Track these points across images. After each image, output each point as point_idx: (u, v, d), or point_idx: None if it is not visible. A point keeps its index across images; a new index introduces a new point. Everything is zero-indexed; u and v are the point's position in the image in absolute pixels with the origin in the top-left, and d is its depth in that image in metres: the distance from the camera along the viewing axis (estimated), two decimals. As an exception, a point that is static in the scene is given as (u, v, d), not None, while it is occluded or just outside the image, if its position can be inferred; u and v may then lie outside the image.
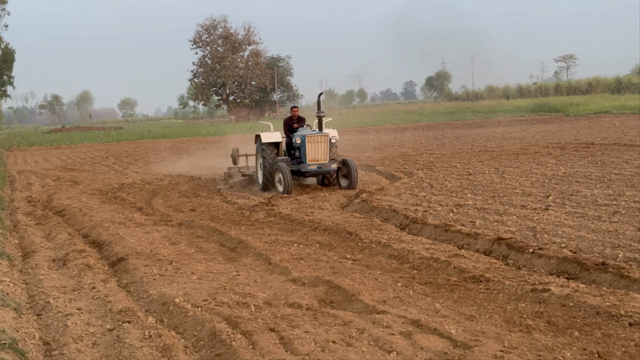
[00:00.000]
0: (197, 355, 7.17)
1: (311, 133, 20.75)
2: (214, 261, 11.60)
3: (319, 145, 20.66)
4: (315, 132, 20.99)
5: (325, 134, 20.74)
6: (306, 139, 20.54)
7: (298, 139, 20.77)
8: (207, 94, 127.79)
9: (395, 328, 7.53)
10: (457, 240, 12.51)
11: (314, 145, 20.62)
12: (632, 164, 22.45)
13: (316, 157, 20.68)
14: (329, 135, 20.84)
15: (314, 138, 20.60)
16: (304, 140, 20.61)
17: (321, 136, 20.69)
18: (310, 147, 20.59)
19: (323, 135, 20.72)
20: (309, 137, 20.56)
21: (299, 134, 20.98)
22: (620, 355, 6.66)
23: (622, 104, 74.34)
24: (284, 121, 22.47)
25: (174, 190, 23.17)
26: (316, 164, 20.65)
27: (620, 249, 10.78)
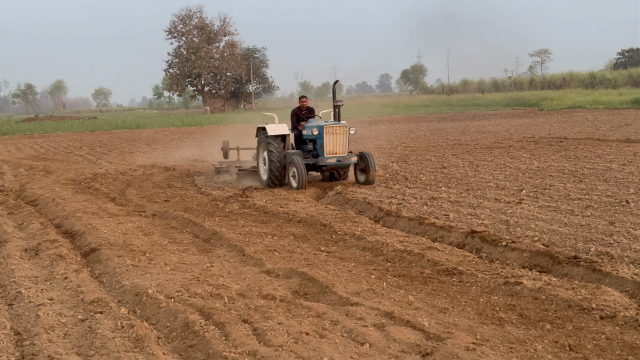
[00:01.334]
0: (169, 346, 7.14)
1: (329, 123, 19.34)
2: (188, 252, 11.55)
3: (338, 137, 19.28)
4: (333, 122, 19.56)
5: (344, 125, 19.41)
6: (324, 129, 19.12)
7: (315, 130, 19.32)
8: (182, 85, 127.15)
9: (369, 320, 7.54)
10: (430, 233, 12.55)
11: (332, 137, 19.23)
12: (604, 159, 22.64)
13: (334, 150, 19.29)
14: (348, 126, 19.53)
15: (332, 129, 19.22)
16: (322, 132, 19.17)
17: (340, 127, 19.33)
18: (328, 139, 19.19)
19: (342, 126, 19.36)
20: (327, 128, 19.16)
21: (315, 125, 19.57)
22: (591, 348, 6.71)
23: (595, 99, 74.99)
24: (292, 112, 20.99)
25: (148, 180, 23.07)
26: (335, 157, 19.28)
27: (592, 243, 10.86)
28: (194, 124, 70.31)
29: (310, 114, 20.73)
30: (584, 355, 6.52)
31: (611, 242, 10.85)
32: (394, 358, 6.47)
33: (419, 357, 6.49)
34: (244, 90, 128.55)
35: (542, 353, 6.60)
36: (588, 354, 6.53)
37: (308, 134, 19.74)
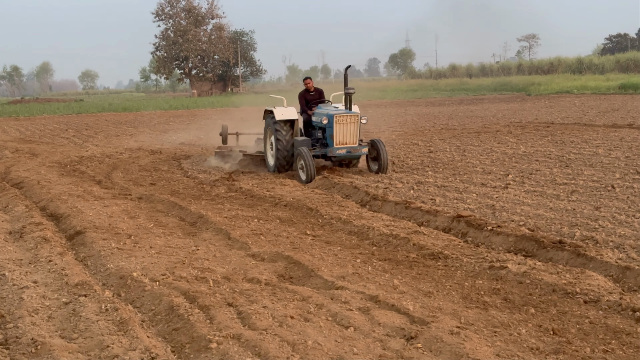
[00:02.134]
0: (154, 329, 7.12)
1: (340, 112, 18.07)
2: (173, 235, 11.52)
3: (349, 127, 18.03)
4: (343, 111, 18.31)
5: (356, 114, 18.11)
6: (334, 119, 17.86)
7: (324, 118, 18.11)
8: (170, 68, 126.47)
9: (354, 304, 7.54)
10: (417, 217, 12.56)
11: (342, 127, 17.98)
12: (591, 144, 22.69)
13: (345, 140, 18.05)
14: (359, 115, 18.29)
15: (343, 118, 17.95)
16: (332, 121, 17.93)
17: (351, 116, 18.04)
18: (338, 129, 17.95)
19: (353, 115, 18.05)
20: (338, 117, 17.89)
21: (324, 112, 18.35)
22: (574, 332, 6.73)
23: (582, 84, 75.14)
24: (300, 95, 19.76)
25: (134, 163, 22.98)
26: (345, 148, 18.06)
27: (577, 228, 10.89)
28: (181, 107, 70.02)
29: (319, 97, 19.68)
30: (568, 339, 6.54)
31: (596, 227, 10.88)
32: (379, 342, 6.47)
33: (403, 340, 6.50)
34: (232, 73, 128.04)
35: (526, 337, 6.61)
36: (572, 338, 6.55)
37: (317, 121, 18.66)
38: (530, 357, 6.07)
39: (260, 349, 6.12)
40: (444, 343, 6.25)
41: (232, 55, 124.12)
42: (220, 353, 6.12)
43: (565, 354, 6.16)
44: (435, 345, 6.27)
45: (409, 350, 6.25)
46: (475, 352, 6.03)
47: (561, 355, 6.16)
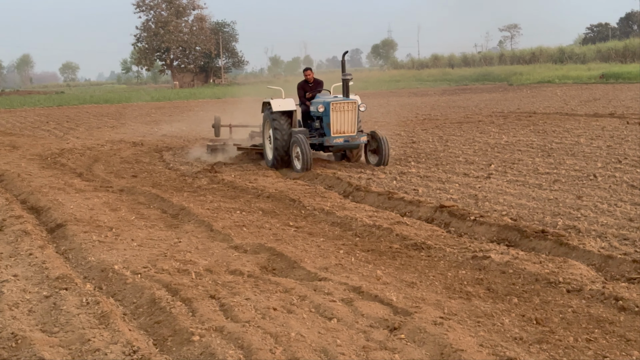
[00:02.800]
0: (135, 322, 7.07)
1: (336, 99, 17.44)
2: (155, 228, 11.45)
3: (346, 114, 17.36)
4: (340, 98, 17.64)
5: (353, 101, 17.43)
6: (330, 106, 17.23)
7: (320, 106, 17.41)
8: (151, 59, 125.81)
9: (337, 295, 7.51)
10: (400, 208, 12.55)
11: (339, 114, 17.34)
12: (572, 133, 22.76)
13: (342, 129, 17.40)
14: (357, 102, 17.63)
15: (339, 105, 17.31)
16: (328, 108, 17.31)
17: (348, 103, 17.38)
18: (335, 117, 17.31)
19: (350, 102, 17.40)
20: (334, 105, 17.26)
21: (320, 101, 17.70)
22: (557, 321, 6.74)
23: (564, 73, 75.38)
24: (298, 86, 19.01)
25: (116, 156, 22.86)
26: (342, 137, 17.41)
27: (559, 217, 10.92)
28: (162, 98, 69.74)
29: (318, 88, 18.82)
30: (551, 328, 6.54)
31: (578, 216, 10.90)
32: (362, 333, 6.45)
33: (386, 331, 6.48)
34: (213, 64, 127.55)
35: (509, 327, 6.61)
36: (555, 328, 6.55)
37: (315, 110, 17.97)
38: (514, 347, 6.07)
39: (243, 341, 6.08)
40: (427, 334, 6.24)
41: (213, 46, 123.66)
42: (203, 346, 6.08)
43: (548, 344, 6.16)
44: (418, 336, 6.25)
45: (393, 341, 6.23)
46: (459, 343, 6.01)
47: (544, 344, 6.15)
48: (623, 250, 8.88)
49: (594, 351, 5.97)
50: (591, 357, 5.86)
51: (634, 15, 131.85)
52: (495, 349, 5.98)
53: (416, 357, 5.85)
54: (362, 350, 6.02)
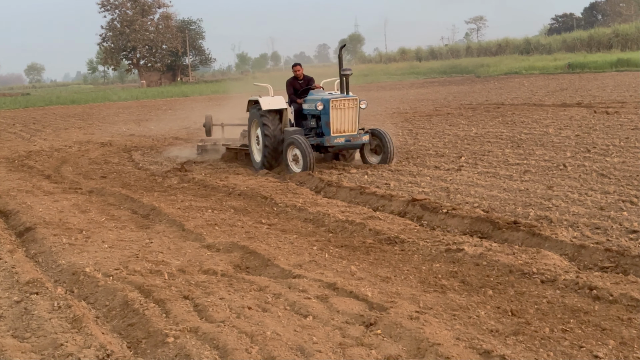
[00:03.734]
0: (109, 325, 6.98)
1: (336, 96, 16.37)
2: (126, 229, 11.34)
3: (347, 112, 16.31)
4: (340, 95, 16.61)
5: (354, 98, 16.38)
6: (330, 103, 16.14)
7: (319, 103, 16.31)
8: (117, 59, 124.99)
9: (312, 292, 7.47)
10: (372, 203, 12.53)
11: (340, 112, 16.25)
12: (541, 124, 22.90)
13: (342, 128, 16.33)
14: (358, 99, 16.55)
15: (340, 103, 16.22)
16: (328, 106, 16.18)
17: (349, 100, 16.34)
18: (335, 115, 16.21)
19: (351, 99, 16.35)
20: (334, 102, 16.17)
21: (318, 98, 16.58)
22: (532, 312, 6.74)
23: (531, 64, 76.00)
24: (288, 83, 17.95)
25: (84, 157, 22.67)
26: (343, 136, 16.31)
27: (531, 208, 10.96)
28: (130, 98, 69.34)
29: (309, 85, 17.81)
30: (526, 319, 6.54)
31: (550, 206, 10.96)
32: (338, 329, 6.41)
33: (362, 327, 6.44)
34: (181, 63, 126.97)
35: (485, 319, 6.61)
36: (530, 319, 6.55)
37: (310, 108, 16.79)
38: (490, 339, 6.06)
39: (219, 342, 6.02)
40: (403, 328, 6.21)
41: (180, 44, 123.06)
42: (178, 347, 6.01)
43: (524, 335, 6.16)
44: (394, 331, 6.23)
45: (369, 337, 6.20)
46: (435, 336, 5.99)
47: (520, 336, 6.15)
48: (595, 240, 8.93)
49: (570, 341, 5.98)
50: (567, 347, 5.86)
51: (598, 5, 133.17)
52: (472, 342, 5.97)
53: (393, 353, 5.83)
54: (339, 347, 5.98)
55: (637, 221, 9.64)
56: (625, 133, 19.21)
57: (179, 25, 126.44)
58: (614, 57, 68.07)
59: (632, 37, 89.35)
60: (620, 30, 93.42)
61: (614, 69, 61.72)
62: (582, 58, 73.28)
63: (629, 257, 8.08)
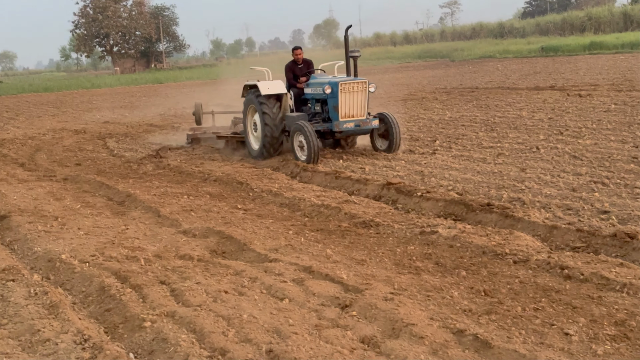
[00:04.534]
0: (85, 311, 7.00)
1: (345, 79, 15.59)
2: (102, 216, 11.33)
3: (356, 96, 15.52)
4: (349, 78, 15.87)
5: (364, 80, 15.61)
6: (339, 87, 15.30)
7: (327, 87, 15.45)
8: (90, 46, 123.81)
9: (288, 275, 7.53)
10: (347, 187, 12.60)
11: (349, 96, 15.46)
12: (515, 107, 23.06)
13: (351, 112, 15.51)
14: (368, 82, 15.75)
15: (349, 86, 15.42)
16: (336, 89, 15.34)
17: (359, 83, 15.54)
18: (344, 98, 15.41)
19: (361, 82, 15.56)
20: (343, 85, 15.36)
21: (325, 81, 15.78)
22: (505, 292, 6.84)
23: (504, 48, 76.30)
24: (287, 67, 17.24)
25: (58, 144, 22.53)
26: (352, 121, 15.46)
27: (504, 190, 11.07)
28: (103, 85, 68.80)
29: (309, 69, 17.13)
30: (499, 299, 6.64)
31: (522, 188, 11.07)
32: (314, 312, 6.48)
33: (338, 309, 6.51)
34: (154, 49, 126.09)
35: (459, 299, 6.70)
36: (503, 298, 6.65)
37: (315, 92, 16.05)
38: (464, 319, 6.15)
39: (195, 325, 6.07)
40: (378, 310, 6.29)
41: (154, 30, 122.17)
42: (155, 331, 6.05)
43: (497, 314, 6.26)
44: (370, 312, 6.30)
45: (344, 318, 6.27)
46: (410, 317, 6.08)
47: (493, 315, 6.25)
48: (567, 220, 9.05)
49: (541, 319, 6.08)
50: (539, 326, 5.96)
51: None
52: (446, 322, 6.06)
53: (368, 333, 5.90)
54: (315, 329, 6.04)
55: (608, 202, 9.78)
56: (597, 115, 19.40)
57: (152, 12, 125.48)
58: (587, 40, 68.49)
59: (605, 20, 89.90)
60: (594, 13, 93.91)
61: (587, 52, 62.14)
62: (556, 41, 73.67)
63: (599, 237, 8.21)
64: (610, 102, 22.19)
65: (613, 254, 7.81)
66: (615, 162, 12.62)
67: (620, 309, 6.18)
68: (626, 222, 8.83)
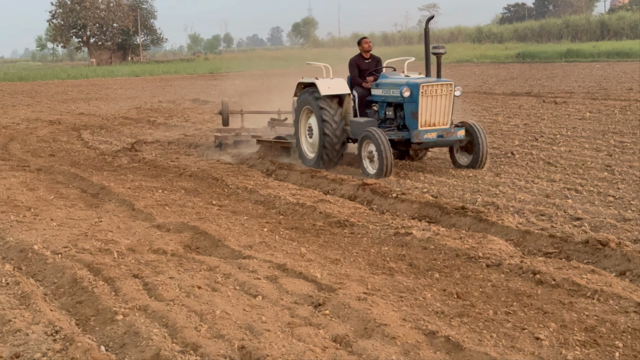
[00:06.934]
0: (57, 302, 6.96)
1: (427, 81, 13.24)
2: (75, 207, 11.27)
3: (439, 101, 13.09)
4: (430, 79, 13.50)
5: (449, 82, 13.27)
6: (420, 89, 12.90)
7: (405, 89, 13.00)
8: (67, 36, 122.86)
9: (261, 272, 7.53)
10: (323, 186, 12.61)
11: (431, 101, 13.01)
12: (491, 112, 23.20)
13: (433, 120, 13.07)
14: (454, 85, 13.37)
15: (432, 88, 13.02)
16: (416, 92, 12.92)
17: (443, 85, 13.16)
18: (425, 103, 12.96)
19: (446, 84, 13.19)
20: (425, 87, 12.95)
21: (402, 82, 13.47)
22: (477, 295, 6.88)
23: (482, 53, 76.69)
24: (351, 62, 14.87)
25: (32, 134, 22.37)
26: (435, 131, 13.03)
27: (479, 194, 11.13)
28: (79, 76, 68.36)
29: (378, 65, 15.01)
30: (471, 302, 6.68)
31: (497, 193, 11.14)
32: (287, 309, 6.48)
33: (311, 307, 6.52)
34: (132, 42, 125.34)
35: (431, 301, 6.73)
36: (475, 301, 6.69)
37: (387, 94, 13.76)
38: (436, 321, 6.18)
39: (168, 320, 6.06)
40: (351, 309, 6.30)
41: (131, 23, 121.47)
42: (127, 325, 6.02)
43: (469, 317, 6.29)
44: (342, 312, 6.32)
45: (317, 317, 6.28)
46: (382, 317, 6.10)
47: (465, 317, 6.28)
48: (540, 226, 9.12)
49: (512, 323, 6.13)
50: (510, 329, 6.01)
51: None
52: (418, 323, 6.08)
53: (340, 332, 5.92)
54: (287, 327, 6.05)
55: (581, 209, 9.86)
56: (572, 123, 19.56)
57: (130, 4, 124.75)
58: (564, 48, 69.03)
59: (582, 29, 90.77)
60: (571, 21, 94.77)
61: (563, 60, 62.60)
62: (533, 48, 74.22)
63: (572, 244, 8.27)
64: (585, 110, 22.38)
65: (585, 260, 7.88)
66: (589, 170, 12.74)
67: (590, 315, 6.23)
68: (598, 229, 8.91)
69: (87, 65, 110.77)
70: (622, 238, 8.39)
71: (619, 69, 45.80)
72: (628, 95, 27.14)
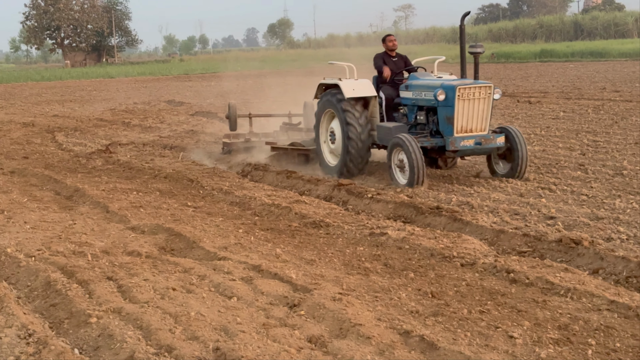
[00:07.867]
0: (30, 305, 6.91)
1: (463, 83, 12.10)
2: (49, 210, 11.19)
3: (477, 105, 12.04)
4: (467, 81, 12.38)
5: (488, 84, 12.18)
6: (457, 92, 11.82)
7: (440, 92, 11.86)
8: (41, 38, 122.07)
9: (236, 274, 7.51)
10: (298, 187, 12.62)
11: (468, 105, 11.97)
12: (465, 112, 23.25)
13: (470, 125, 12.01)
14: (493, 87, 12.29)
15: (469, 91, 11.95)
16: (452, 95, 11.82)
17: (481, 88, 12.08)
18: (462, 107, 11.91)
19: (484, 87, 12.10)
20: (462, 90, 11.88)
21: (436, 84, 12.31)
22: (452, 294, 6.91)
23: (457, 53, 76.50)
24: (377, 58, 14.41)
25: (6, 137, 22.17)
26: (472, 137, 11.93)
27: (453, 194, 11.19)
28: (53, 78, 67.99)
29: (407, 64, 14.37)
30: (446, 301, 6.71)
31: (471, 193, 11.21)
32: (262, 310, 6.48)
33: (286, 308, 6.52)
34: (106, 43, 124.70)
35: (406, 301, 6.75)
36: (449, 300, 6.72)
37: (418, 97, 12.67)
38: (410, 320, 6.20)
39: (142, 322, 6.03)
40: (326, 309, 6.31)
41: (106, 24, 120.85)
42: (101, 327, 5.99)
43: (443, 316, 6.32)
44: (318, 312, 6.32)
45: (292, 317, 6.28)
46: (357, 317, 6.11)
47: (440, 317, 6.31)
48: (514, 225, 9.17)
49: (486, 322, 6.16)
50: (484, 328, 6.04)
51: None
52: (393, 322, 6.10)
53: (316, 333, 5.92)
54: (262, 328, 6.05)
55: (554, 208, 9.94)
56: (546, 122, 19.71)
57: (104, 5, 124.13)
58: (538, 48, 69.60)
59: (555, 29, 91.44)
60: (545, 21, 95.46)
61: (537, 60, 63.14)
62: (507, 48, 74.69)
63: (545, 242, 8.34)
64: (559, 110, 22.56)
65: (558, 259, 7.94)
66: (563, 169, 12.83)
67: (564, 313, 6.28)
68: (572, 228, 8.98)
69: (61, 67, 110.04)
70: (595, 236, 8.48)
71: (592, 69, 46.24)
72: (601, 95, 27.41)
